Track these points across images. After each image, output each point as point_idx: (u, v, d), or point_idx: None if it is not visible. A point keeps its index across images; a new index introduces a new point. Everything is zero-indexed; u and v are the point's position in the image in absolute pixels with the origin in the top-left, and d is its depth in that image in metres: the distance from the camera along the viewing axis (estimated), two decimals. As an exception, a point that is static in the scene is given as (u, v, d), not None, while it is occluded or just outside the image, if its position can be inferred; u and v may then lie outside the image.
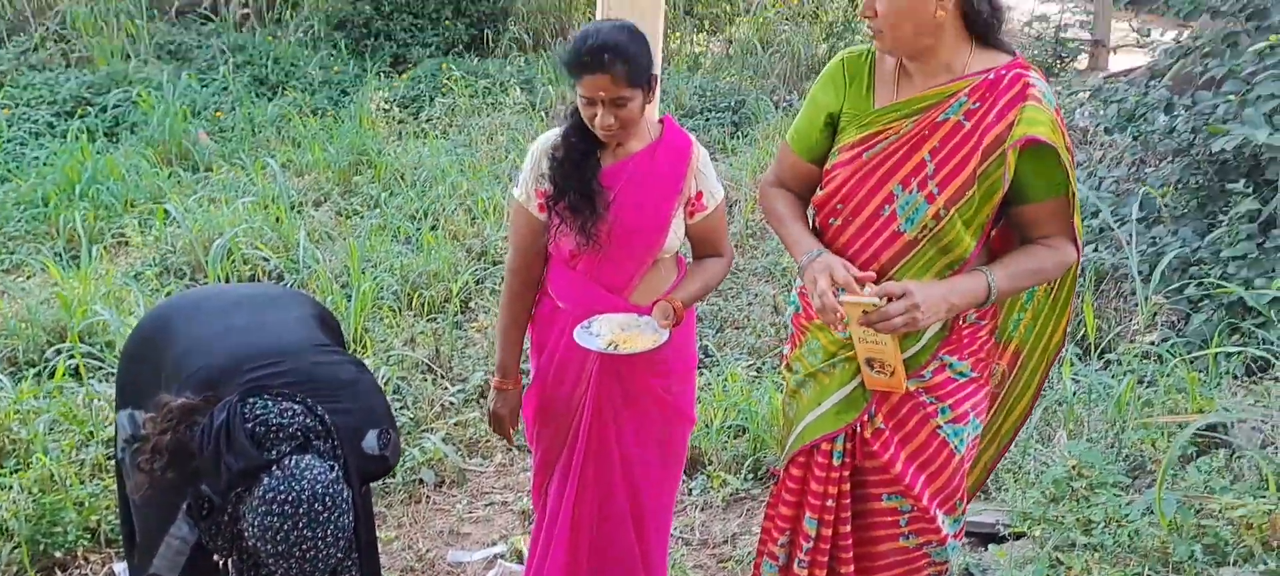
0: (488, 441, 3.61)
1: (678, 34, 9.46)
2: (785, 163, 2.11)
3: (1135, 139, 4.66)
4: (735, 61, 8.86)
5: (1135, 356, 3.48)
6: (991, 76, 1.82)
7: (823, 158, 2.01)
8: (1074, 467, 2.46)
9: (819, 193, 2.01)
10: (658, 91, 2.29)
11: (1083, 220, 4.47)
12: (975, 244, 1.87)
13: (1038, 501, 2.43)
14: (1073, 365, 3.56)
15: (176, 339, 1.98)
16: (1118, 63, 9.14)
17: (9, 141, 6.13)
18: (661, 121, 2.28)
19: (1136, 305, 3.93)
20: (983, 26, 1.83)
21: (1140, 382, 3.31)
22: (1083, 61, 8.96)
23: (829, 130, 1.98)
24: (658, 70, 2.33)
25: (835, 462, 2.03)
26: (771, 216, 2.11)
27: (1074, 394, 3.31)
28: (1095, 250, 4.44)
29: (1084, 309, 3.72)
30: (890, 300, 1.78)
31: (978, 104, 1.81)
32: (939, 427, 1.98)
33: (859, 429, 2.03)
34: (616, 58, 2.06)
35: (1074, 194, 1.87)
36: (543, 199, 2.24)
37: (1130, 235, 4.08)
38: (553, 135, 2.27)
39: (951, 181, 1.83)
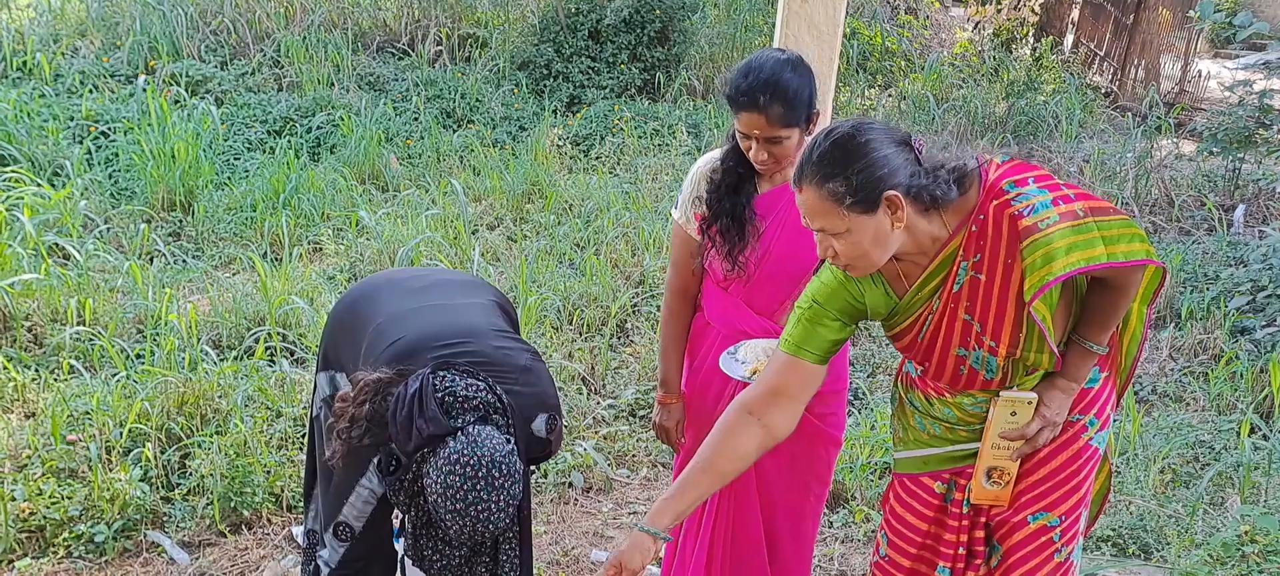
0: (634, 455, 3.73)
1: (848, 88, 9.44)
2: (789, 372, 1.90)
3: None
4: (907, 116, 8.76)
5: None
6: (975, 227, 1.75)
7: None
8: (1246, 532, 2.33)
9: (902, 346, 1.94)
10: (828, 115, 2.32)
11: None
12: (1057, 354, 1.83)
13: (1203, 561, 2.32)
14: (1253, 430, 3.36)
15: (378, 310, 2.16)
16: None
17: (223, 154, 6.78)
18: None
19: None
20: (932, 200, 1.75)
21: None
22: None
23: (853, 325, 1.90)
24: (825, 106, 2.32)
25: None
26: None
27: (1252, 460, 3.12)
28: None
29: (1272, 373, 3.51)
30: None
31: (979, 255, 1.75)
32: (1092, 439, 1.94)
33: None
34: (774, 99, 2.05)
35: (1111, 256, 1.69)
36: (699, 221, 2.26)
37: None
38: (712, 157, 2.27)
39: (1000, 333, 1.79)
